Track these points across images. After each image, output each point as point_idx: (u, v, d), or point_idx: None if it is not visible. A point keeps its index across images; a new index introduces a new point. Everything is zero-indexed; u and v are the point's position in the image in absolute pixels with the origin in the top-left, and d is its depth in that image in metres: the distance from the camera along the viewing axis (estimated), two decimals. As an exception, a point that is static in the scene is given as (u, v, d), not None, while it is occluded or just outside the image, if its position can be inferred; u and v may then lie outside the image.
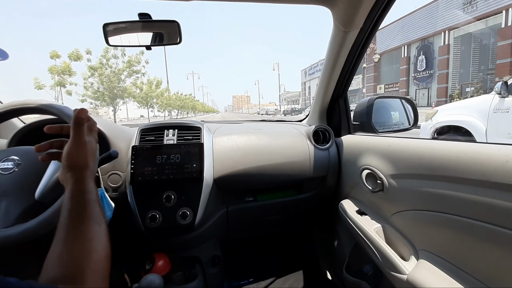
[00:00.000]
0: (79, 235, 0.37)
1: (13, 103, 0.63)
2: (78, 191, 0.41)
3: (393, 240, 0.70)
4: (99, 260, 0.36)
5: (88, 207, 0.40)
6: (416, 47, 21.75)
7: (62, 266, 0.33)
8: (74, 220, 0.38)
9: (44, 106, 0.61)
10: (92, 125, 0.50)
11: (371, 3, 0.68)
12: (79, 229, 0.37)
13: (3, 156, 0.62)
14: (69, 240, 0.36)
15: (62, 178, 0.45)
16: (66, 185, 0.43)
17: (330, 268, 1.18)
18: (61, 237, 0.36)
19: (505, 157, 0.43)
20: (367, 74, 27.74)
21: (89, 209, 0.40)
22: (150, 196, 0.83)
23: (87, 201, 0.41)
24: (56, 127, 0.49)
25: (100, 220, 0.41)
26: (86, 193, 0.41)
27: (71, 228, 0.37)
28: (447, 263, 0.53)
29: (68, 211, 0.39)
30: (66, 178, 0.43)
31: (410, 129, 1.05)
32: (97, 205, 0.42)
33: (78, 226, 0.38)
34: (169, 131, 0.92)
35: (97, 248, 0.37)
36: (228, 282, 1.14)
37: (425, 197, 0.58)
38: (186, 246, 1.00)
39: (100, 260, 0.36)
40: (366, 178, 0.80)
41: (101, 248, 0.37)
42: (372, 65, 26.83)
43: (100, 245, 0.38)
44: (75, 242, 0.36)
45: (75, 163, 0.44)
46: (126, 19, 0.81)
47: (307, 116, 1.26)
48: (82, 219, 0.38)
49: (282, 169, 0.94)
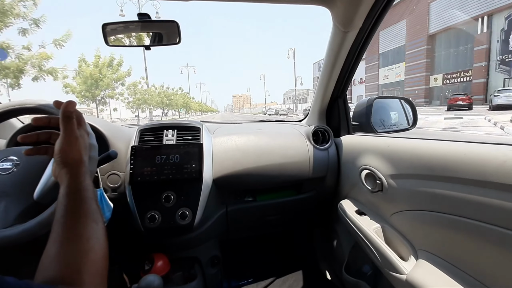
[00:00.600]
0: (75, 234, 0.35)
1: (12, 103, 0.63)
2: (74, 188, 0.40)
3: (392, 240, 0.70)
4: (97, 260, 0.35)
5: (85, 204, 0.39)
6: (505, 17, 14.38)
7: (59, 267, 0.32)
8: (70, 218, 0.37)
9: (43, 106, 0.61)
10: (80, 118, 0.47)
11: (370, 3, 0.69)
12: (76, 228, 0.36)
13: (2, 157, 0.61)
14: (65, 239, 0.35)
15: (56, 175, 0.43)
16: (61, 182, 0.41)
17: (330, 268, 1.18)
18: (57, 236, 0.35)
19: (504, 157, 0.43)
20: (414, 62, 20.07)
21: (86, 207, 0.38)
22: (149, 196, 0.83)
23: (83, 199, 0.39)
24: (43, 118, 0.47)
25: (98, 218, 0.39)
26: (82, 191, 0.40)
27: (67, 227, 0.36)
28: (446, 263, 0.53)
29: (64, 209, 0.37)
30: (61, 175, 0.41)
31: (409, 130, 1.05)
32: (94, 202, 0.40)
33: (74, 225, 0.36)
34: (169, 131, 0.92)
35: (95, 247, 0.36)
36: (227, 282, 1.14)
37: (424, 197, 0.58)
38: (186, 246, 0.99)
39: (98, 260, 0.35)
40: (365, 178, 0.80)
41: (98, 248, 0.36)
42: (421, 49, 19.31)
43: (98, 244, 0.36)
44: (72, 242, 0.35)
45: (68, 159, 0.42)
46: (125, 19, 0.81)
47: (306, 116, 1.26)
48: (78, 217, 0.37)
49: (282, 170, 0.94)
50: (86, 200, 0.39)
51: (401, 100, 1.12)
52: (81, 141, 0.44)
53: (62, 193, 0.39)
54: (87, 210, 0.38)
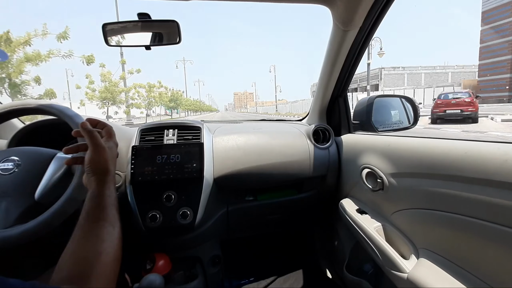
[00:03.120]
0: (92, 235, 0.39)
1: (13, 103, 0.63)
2: (98, 194, 0.44)
3: (393, 238, 0.70)
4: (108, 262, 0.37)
5: (105, 209, 0.43)
6: None
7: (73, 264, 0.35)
8: (90, 220, 0.40)
9: (44, 107, 0.61)
10: (109, 130, 0.53)
11: (370, 2, 0.68)
12: (94, 229, 0.40)
13: (3, 157, 0.62)
14: (82, 239, 0.38)
15: (85, 182, 0.49)
16: (89, 187, 0.46)
17: (331, 267, 1.18)
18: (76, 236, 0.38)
19: (505, 156, 0.43)
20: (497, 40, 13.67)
21: (106, 211, 0.43)
22: (150, 196, 0.83)
23: (105, 204, 0.43)
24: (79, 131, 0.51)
25: (115, 223, 0.43)
26: (105, 197, 0.44)
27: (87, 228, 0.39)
28: (447, 261, 0.53)
29: (86, 212, 0.41)
30: (90, 181, 0.46)
31: (410, 128, 1.05)
32: (114, 208, 0.45)
33: (93, 227, 0.40)
34: (169, 131, 0.92)
35: (107, 250, 0.38)
36: (228, 281, 1.14)
37: (425, 196, 0.58)
38: (187, 245, 1.00)
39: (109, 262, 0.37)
40: (366, 177, 0.80)
41: (111, 250, 0.39)
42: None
43: (111, 247, 0.39)
44: (88, 241, 0.38)
45: (97, 169, 0.47)
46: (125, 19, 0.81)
47: (307, 115, 1.26)
48: (97, 220, 0.41)
49: (282, 169, 0.94)
50: (107, 205, 0.44)
51: (402, 99, 1.12)
52: (109, 152, 0.49)
53: (87, 198, 0.44)
54: (106, 215, 0.42)
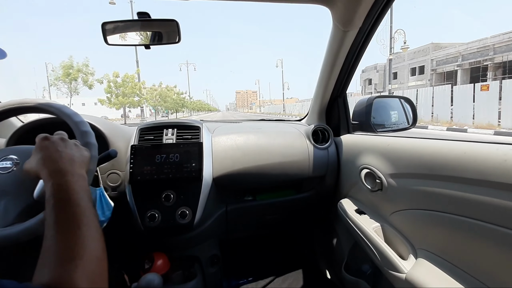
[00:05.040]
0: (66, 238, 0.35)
1: (11, 102, 0.62)
2: (61, 201, 0.39)
3: (392, 239, 0.70)
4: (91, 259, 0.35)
5: (72, 207, 0.39)
6: None
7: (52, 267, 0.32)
8: (58, 220, 0.37)
9: (42, 105, 0.61)
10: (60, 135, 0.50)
11: (370, 2, 0.68)
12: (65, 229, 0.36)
13: (2, 155, 0.61)
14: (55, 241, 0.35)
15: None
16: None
17: (329, 267, 1.18)
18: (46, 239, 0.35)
19: (503, 156, 0.43)
20: None
21: (73, 209, 0.39)
22: (149, 195, 0.83)
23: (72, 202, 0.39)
24: None
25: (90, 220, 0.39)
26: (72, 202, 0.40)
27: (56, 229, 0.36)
28: (446, 262, 0.54)
29: (51, 212, 0.38)
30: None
31: (409, 129, 1.05)
32: (83, 203, 0.40)
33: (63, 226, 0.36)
34: (168, 130, 0.92)
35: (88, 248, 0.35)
36: (227, 281, 1.14)
37: (424, 196, 0.58)
38: (185, 245, 1.00)
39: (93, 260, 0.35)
40: (365, 177, 0.80)
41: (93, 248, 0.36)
42: None
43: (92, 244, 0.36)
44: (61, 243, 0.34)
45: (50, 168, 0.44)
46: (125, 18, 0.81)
47: (306, 115, 1.26)
48: (66, 220, 0.37)
49: (281, 169, 0.94)
50: (74, 203, 0.39)
51: (401, 100, 1.12)
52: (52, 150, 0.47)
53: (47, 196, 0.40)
54: (73, 212, 0.38)
